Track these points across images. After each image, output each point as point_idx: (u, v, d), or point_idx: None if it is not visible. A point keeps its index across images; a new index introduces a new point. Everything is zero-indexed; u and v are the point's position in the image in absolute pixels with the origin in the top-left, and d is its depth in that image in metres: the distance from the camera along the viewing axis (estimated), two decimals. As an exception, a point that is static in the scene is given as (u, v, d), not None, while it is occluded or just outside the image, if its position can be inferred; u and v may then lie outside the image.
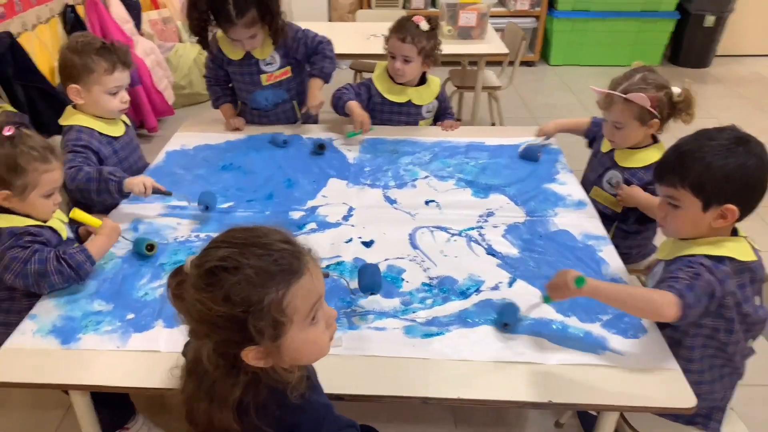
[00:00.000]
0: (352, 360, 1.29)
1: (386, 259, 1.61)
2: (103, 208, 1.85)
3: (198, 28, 2.07)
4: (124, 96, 1.89)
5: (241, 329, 0.85)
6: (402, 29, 2.19)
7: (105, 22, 3.46)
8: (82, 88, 1.82)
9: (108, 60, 1.81)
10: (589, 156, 2.13)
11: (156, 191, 1.77)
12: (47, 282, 1.42)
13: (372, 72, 2.38)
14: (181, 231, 1.73)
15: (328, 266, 1.58)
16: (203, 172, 2.04)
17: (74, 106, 1.88)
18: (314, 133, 2.33)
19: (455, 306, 1.45)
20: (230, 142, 2.26)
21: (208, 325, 0.86)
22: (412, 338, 1.36)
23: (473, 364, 1.29)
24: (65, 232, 1.57)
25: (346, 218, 1.80)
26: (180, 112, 4.15)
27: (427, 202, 1.89)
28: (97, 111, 1.87)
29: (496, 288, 1.51)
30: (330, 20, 5.04)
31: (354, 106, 2.22)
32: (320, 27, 3.76)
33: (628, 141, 1.86)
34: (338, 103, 2.26)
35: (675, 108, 1.77)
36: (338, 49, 3.29)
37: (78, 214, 1.54)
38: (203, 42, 2.15)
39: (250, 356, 0.88)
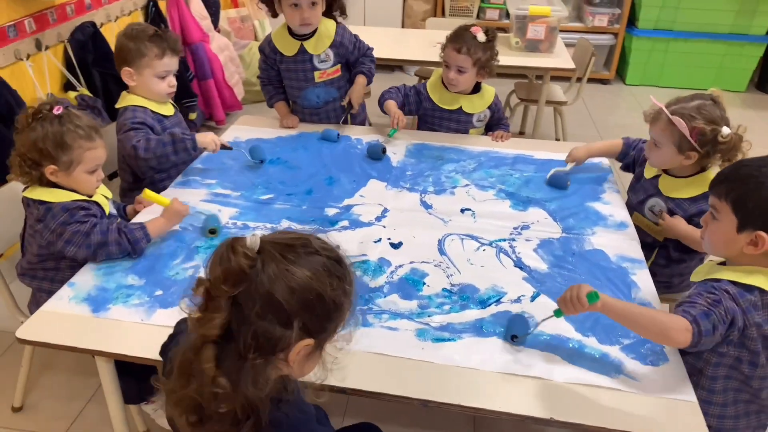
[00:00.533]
0: (360, 356, 1.31)
1: (411, 262, 1.62)
2: (150, 183, 1.96)
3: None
4: (172, 80, 2.00)
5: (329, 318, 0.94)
6: (458, 39, 2.20)
7: (184, 18, 3.64)
8: (134, 71, 1.95)
9: (159, 46, 1.92)
10: (631, 179, 2.05)
11: (223, 147, 1.98)
12: (105, 251, 1.54)
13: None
14: (220, 218, 1.80)
15: (353, 263, 1.60)
16: (250, 164, 2.12)
17: (128, 91, 2.00)
18: (363, 134, 2.37)
19: (472, 314, 1.44)
20: (281, 137, 2.34)
21: (297, 299, 0.89)
22: (423, 341, 1.36)
23: (479, 373, 1.28)
24: (108, 207, 1.68)
25: (379, 219, 1.82)
26: (248, 108, 4.30)
27: (462, 210, 1.88)
28: (147, 93, 1.99)
29: (517, 301, 1.49)
30: (403, 26, 5.09)
31: (391, 104, 2.26)
32: (393, 33, 3.86)
33: (663, 162, 1.79)
34: (380, 101, 2.31)
35: (717, 147, 1.67)
36: (405, 55, 3.36)
37: (149, 194, 1.67)
38: (271, 8, 2.21)
39: (301, 348, 0.92)
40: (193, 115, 3.69)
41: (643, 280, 1.58)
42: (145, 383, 1.77)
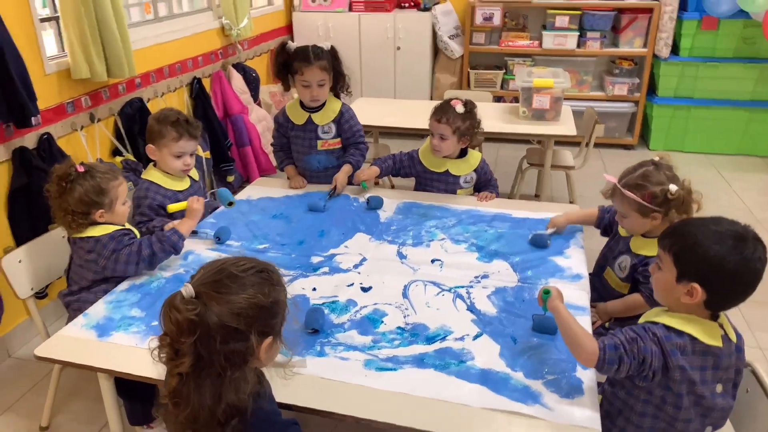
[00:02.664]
0: (311, 380, 1.53)
1: (375, 304, 1.85)
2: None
3: (280, 72, 2.52)
4: (187, 160, 2.35)
5: (275, 315, 1.19)
6: (439, 111, 2.47)
7: (225, 92, 4.10)
8: (156, 148, 2.31)
9: (177, 130, 2.29)
10: (609, 237, 2.20)
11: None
12: (156, 259, 1.96)
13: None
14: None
15: (324, 303, 1.85)
16: (256, 219, 2.41)
17: (153, 164, 2.36)
18: (358, 193, 2.65)
19: (417, 349, 1.64)
20: (289, 197, 2.64)
21: (245, 318, 1.11)
22: (367, 370, 1.57)
23: (407, 397, 1.47)
24: (136, 233, 2.09)
25: (356, 266, 2.06)
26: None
27: (432, 261, 2.09)
28: (166, 168, 2.34)
29: (461, 339, 1.68)
30: (432, 98, 5.44)
31: (368, 168, 2.60)
32: (421, 105, 4.16)
33: (635, 230, 1.95)
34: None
35: (670, 204, 1.82)
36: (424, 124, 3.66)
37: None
38: (285, 83, 2.59)
39: (265, 346, 1.16)
40: (230, 178, 4.09)
41: (581, 324, 1.72)
42: (149, 407, 2.05)
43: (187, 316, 1.08)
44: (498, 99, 5.13)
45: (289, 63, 2.49)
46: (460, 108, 2.46)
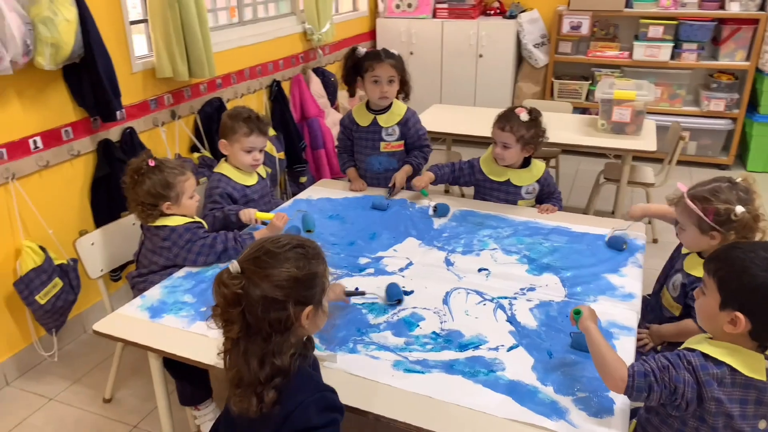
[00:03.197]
0: (338, 374, 1.55)
1: (414, 307, 1.85)
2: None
3: (349, 75, 2.61)
4: (257, 155, 2.45)
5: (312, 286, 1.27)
6: (503, 119, 2.43)
7: (303, 96, 4.24)
8: (228, 143, 2.43)
9: (248, 126, 2.39)
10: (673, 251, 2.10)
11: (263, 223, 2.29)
12: (226, 256, 2.06)
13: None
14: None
15: (363, 303, 1.87)
16: (314, 218, 2.48)
17: (225, 159, 2.49)
18: (419, 199, 2.65)
19: (448, 355, 1.63)
20: (347, 198, 2.69)
21: (282, 289, 1.21)
22: (395, 370, 1.57)
23: (430, 401, 1.47)
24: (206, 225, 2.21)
25: (402, 270, 2.07)
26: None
27: (479, 270, 2.06)
28: (236, 163, 2.45)
29: (495, 349, 1.66)
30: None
31: (425, 174, 2.56)
32: (468, 110, 4.08)
33: (691, 244, 1.86)
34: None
35: (731, 225, 1.72)
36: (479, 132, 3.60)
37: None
38: (351, 89, 2.69)
39: (307, 314, 1.25)
40: (303, 179, 4.22)
41: (623, 345, 1.64)
42: (198, 390, 2.15)
43: (233, 290, 1.20)
44: (583, 111, 4.96)
45: (359, 65, 2.55)
46: (524, 116, 2.41)
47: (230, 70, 3.59)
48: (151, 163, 2.06)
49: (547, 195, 2.56)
